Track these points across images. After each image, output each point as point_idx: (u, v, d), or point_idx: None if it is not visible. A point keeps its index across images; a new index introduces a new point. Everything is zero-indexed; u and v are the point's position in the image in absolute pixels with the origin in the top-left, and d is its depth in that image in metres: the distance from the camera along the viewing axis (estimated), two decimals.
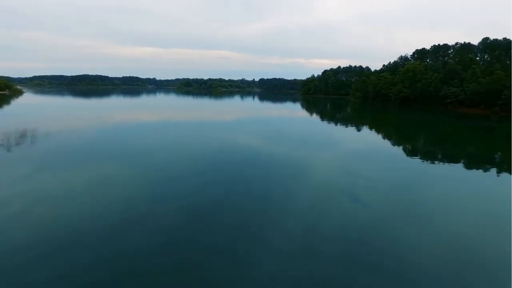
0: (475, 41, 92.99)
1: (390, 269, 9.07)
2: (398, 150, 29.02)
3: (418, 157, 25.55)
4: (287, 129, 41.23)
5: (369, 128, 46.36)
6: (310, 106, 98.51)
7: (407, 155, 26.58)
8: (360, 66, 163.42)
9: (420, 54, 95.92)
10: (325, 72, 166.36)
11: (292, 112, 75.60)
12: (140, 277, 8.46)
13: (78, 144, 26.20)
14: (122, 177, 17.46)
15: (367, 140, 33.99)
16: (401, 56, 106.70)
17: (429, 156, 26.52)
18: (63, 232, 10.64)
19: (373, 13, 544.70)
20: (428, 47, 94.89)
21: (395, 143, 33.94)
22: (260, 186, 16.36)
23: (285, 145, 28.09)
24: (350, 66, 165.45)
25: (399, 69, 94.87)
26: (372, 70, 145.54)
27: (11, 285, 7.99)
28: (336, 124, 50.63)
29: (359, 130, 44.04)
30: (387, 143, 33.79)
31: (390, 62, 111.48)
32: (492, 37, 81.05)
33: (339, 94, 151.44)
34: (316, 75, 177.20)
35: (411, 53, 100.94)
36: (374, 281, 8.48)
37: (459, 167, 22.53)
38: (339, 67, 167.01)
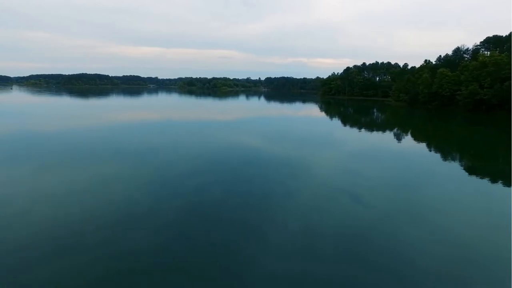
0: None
1: (391, 267, 8.95)
2: None
3: None
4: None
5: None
6: (343, 111, 76.43)
7: None
8: (389, 63, 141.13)
9: (495, 42, 73.27)
10: (348, 69, 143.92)
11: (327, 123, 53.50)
12: (143, 274, 8.29)
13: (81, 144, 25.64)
14: (126, 177, 17.09)
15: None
16: (457, 48, 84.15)
17: None
18: (67, 230, 10.58)
19: (375, 12, 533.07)
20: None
21: None
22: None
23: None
24: (377, 63, 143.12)
25: (463, 63, 72.52)
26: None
27: (14, 283, 7.95)
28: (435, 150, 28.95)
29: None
30: None
31: (440, 56, 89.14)
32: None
33: (366, 95, 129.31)
34: (336, 73, 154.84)
35: (478, 43, 78.05)
36: (376, 280, 8.36)
37: None
38: (363, 63, 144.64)
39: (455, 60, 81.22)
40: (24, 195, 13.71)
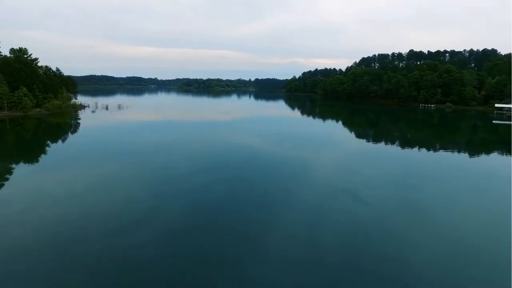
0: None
1: (391, 265, 10.01)
2: None
3: None
4: None
5: None
6: None
7: None
8: (326, 69, 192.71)
9: None
10: (304, 74, 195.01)
11: None
12: (150, 267, 9.51)
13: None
14: (129, 175, 18.94)
15: None
16: None
17: None
18: (68, 227, 12.04)
19: (373, 13, 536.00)
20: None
21: None
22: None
23: None
24: (326, 68, 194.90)
25: None
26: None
27: (15, 280, 8.94)
28: None
29: None
30: None
31: None
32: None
33: (314, 92, 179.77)
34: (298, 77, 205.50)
35: None
36: (377, 276, 9.31)
37: None
38: (316, 69, 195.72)
39: None
40: (29, 193, 15.61)
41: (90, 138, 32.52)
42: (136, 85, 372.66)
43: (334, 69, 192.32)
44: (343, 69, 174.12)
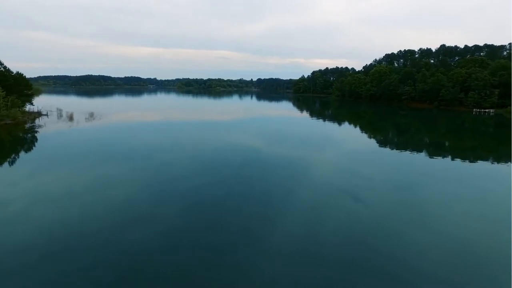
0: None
1: (389, 267, 9.52)
2: None
3: None
4: None
5: None
6: None
7: None
8: (340, 67, 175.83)
9: None
10: (313, 73, 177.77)
11: None
12: (143, 274, 8.93)
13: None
14: (126, 177, 18.32)
15: None
16: None
17: None
18: (67, 230, 11.55)
19: (373, 13, 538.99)
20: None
21: None
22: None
23: None
24: (336, 67, 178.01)
25: None
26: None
27: (15, 283, 8.49)
28: None
29: None
30: None
31: None
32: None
33: (326, 92, 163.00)
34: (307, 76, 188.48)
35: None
36: (375, 283, 8.73)
37: None
38: (326, 68, 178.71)
39: None
40: (26, 195, 14.78)
41: None
42: (134, 85, 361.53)
43: (346, 67, 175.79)
44: (356, 68, 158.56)
